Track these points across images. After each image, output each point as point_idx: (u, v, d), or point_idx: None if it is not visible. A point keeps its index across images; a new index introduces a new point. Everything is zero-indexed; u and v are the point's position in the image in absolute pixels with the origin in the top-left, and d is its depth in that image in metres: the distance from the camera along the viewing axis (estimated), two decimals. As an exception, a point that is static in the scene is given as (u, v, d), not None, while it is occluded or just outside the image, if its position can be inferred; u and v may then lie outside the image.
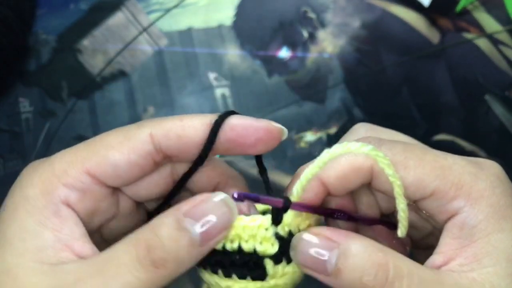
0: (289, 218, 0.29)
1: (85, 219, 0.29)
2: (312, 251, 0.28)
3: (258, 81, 0.61)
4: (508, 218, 0.28)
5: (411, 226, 0.31)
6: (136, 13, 0.65)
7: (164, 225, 0.27)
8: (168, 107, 0.60)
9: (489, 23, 0.63)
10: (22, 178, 0.30)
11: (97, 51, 0.63)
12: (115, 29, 0.64)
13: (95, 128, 0.59)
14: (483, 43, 0.62)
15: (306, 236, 0.28)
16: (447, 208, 0.28)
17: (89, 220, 0.30)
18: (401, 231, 0.29)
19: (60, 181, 0.28)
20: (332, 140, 0.57)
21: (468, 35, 0.63)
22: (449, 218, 0.28)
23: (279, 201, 0.29)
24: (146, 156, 0.29)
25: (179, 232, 0.27)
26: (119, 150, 0.29)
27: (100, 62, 0.62)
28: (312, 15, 0.65)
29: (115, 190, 0.31)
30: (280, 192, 0.29)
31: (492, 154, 0.56)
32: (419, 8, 0.64)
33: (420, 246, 0.34)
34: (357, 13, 0.64)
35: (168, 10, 0.65)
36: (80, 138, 0.58)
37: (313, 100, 0.60)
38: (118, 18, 0.64)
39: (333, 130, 0.58)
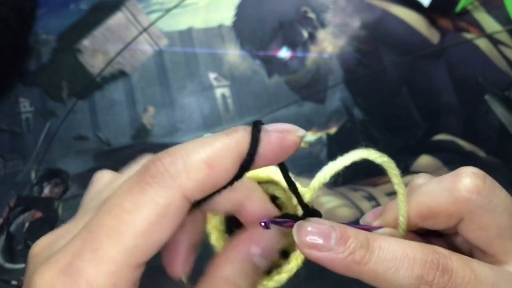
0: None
1: None
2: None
3: (258, 81, 0.61)
4: None
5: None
6: (136, 13, 0.65)
7: None
8: (168, 107, 0.60)
9: (489, 23, 0.63)
10: None
11: (97, 51, 0.63)
12: (115, 29, 0.64)
13: (95, 128, 0.59)
14: (483, 43, 0.62)
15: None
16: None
17: None
18: (400, 233, 0.30)
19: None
20: (332, 140, 0.57)
21: (468, 35, 0.63)
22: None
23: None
24: (182, 218, 0.26)
25: None
26: (157, 233, 0.24)
27: (100, 62, 0.62)
28: (312, 15, 0.65)
29: None
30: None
31: (491, 154, 0.56)
32: (419, 8, 0.64)
33: None
34: (357, 13, 0.64)
35: (168, 10, 0.65)
36: (80, 138, 0.58)
37: (313, 100, 0.60)
38: (118, 18, 0.65)
39: (333, 130, 0.58)
